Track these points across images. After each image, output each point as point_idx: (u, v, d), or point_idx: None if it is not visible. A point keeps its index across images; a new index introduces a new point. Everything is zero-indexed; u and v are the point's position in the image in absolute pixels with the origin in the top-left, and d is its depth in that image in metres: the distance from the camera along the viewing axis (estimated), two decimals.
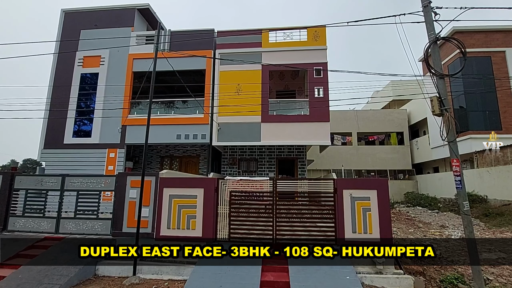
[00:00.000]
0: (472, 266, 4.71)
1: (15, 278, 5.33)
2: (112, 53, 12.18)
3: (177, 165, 13.92)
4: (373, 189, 6.13)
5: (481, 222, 11.64)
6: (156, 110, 11.92)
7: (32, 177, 7.82)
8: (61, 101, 11.98)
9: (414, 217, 13.98)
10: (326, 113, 11.00)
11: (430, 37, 5.18)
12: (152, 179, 6.89)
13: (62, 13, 13.13)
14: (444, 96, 4.98)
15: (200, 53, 11.51)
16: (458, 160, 4.70)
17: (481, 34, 16.31)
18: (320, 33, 11.53)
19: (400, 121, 22.10)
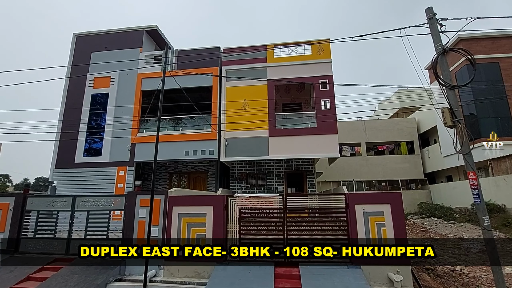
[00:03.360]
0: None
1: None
2: (121, 74, 12.51)
3: (186, 181, 13.92)
4: (387, 203, 5.95)
5: (501, 233, 11.16)
6: (164, 127, 12.06)
7: (44, 198, 7.90)
8: (72, 122, 12.27)
9: (429, 229, 13.53)
10: (333, 125, 10.93)
11: (437, 49, 5.13)
12: (161, 198, 6.86)
13: (74, 37, 13.65)
14: (456, 107, 4.88)
15: (207, 70, 11.72)
16: (474, 173, 4.54)
17: (488, 40, 16.21)
18: (325, 46, 11.63)
19: (410, 130, 21.80)
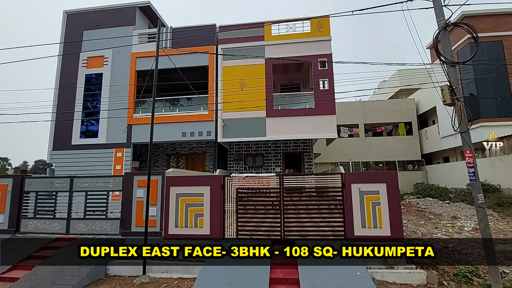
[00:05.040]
0: (489, 266, 4.56)
1: (29, 280, 5.43)
2: (115, 53, 12.17)
3: (184, 163, 13.96)
4: (382, 182, 5.99)
5: (495, 212, 11.38)
6: (160, 108, 11.91)
7: (42, 180, 7.94)
8: (67, 103, 12.08)
9: (424, 208, 13.77)
10: (332, 105, 10.81)
11: (440, 23, 4.95)
12: (158, 178, 6.89)
13: (65, 15, 13.14)
14: (455, 85, 4.78)
15: (203, 49, 11.39)
16: (471, 151, 4.53)
17: (492, 17, 15.72)
18: (324, 24, 11.26)
19: (408, 111, 21.66)
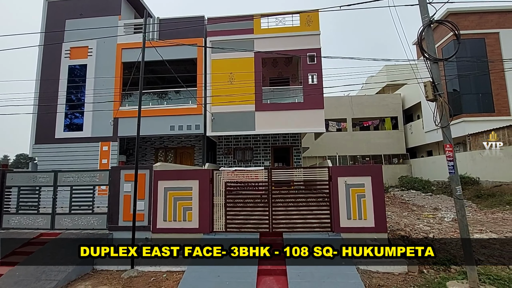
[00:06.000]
0: (465, 253, 4.78)
1: (12, 276, 5.32)
2: (99, 44, 11.80)
3: (172, 157, 13.84)
4: (367, 175, 6.17)
5: (473, 204, 11.89)
6: (148, 101, 11.71)
7: (24, 174, 7.71)
8: (50, 95, 11.69)
9: (408, 201, 14.23)
10: (320, 100, 10.92)
11: (424, 20, 5.06)
12: (146, 172, 6.83)
13: (45, 3, 12.59)
14: (438, 81, 4.93)
15: (191, 41, 11.22)
16: (451, 145, 4.71)
17: (476, 15, 16.14)
18: (313, 18, 11.28)
19: (394, 106, 22.12)
